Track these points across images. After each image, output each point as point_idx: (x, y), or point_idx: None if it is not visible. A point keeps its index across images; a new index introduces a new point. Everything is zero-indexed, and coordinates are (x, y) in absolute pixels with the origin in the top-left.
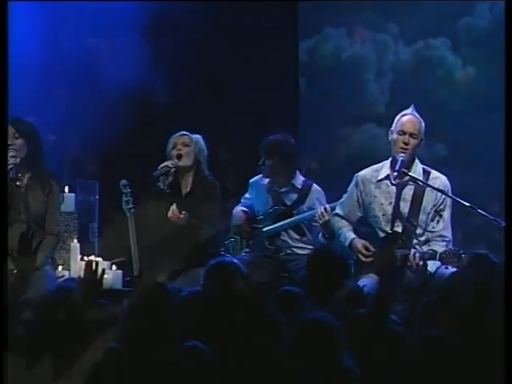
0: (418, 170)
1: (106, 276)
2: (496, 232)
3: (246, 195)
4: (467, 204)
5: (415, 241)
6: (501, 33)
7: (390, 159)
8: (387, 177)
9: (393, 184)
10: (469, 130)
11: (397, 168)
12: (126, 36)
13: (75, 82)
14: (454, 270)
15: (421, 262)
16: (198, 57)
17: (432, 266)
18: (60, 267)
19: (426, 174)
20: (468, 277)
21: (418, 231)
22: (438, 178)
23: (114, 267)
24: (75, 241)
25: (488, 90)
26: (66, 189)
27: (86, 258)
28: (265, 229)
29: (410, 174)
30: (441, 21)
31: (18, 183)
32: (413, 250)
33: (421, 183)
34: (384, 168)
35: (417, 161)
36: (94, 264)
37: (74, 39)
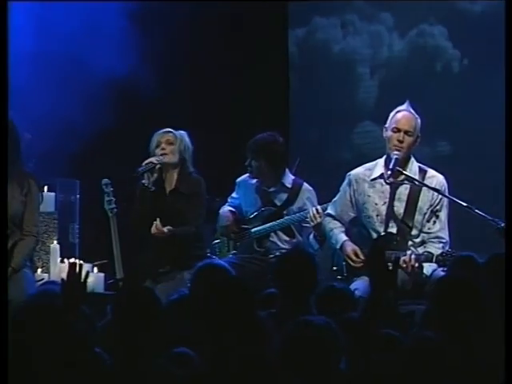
0: (413, 168)
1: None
2: (494, 233)
3: (233, 195)
4: (464, 204)
5: (410, 242)
6: (498, 18)
7: (384, 157)
8: (381, 176)
9: (387, 183)
10: (469, 125)
11: (391, 166)
12: (114, 28)
13: (56, 75)
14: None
15: (416, 265)
16: (186, 51)
17: (428, 268)
18: (39, 270)
19: (422, 172)
20: (458, 279)
21: (414, 232)
22: (435, 177)
23: (95, 270)
24: (55, 242)
25: (487, 80)
26: (46, 188)
27: (66, 260)
28: (253, 230)
29: (404, 172)
30: (435, 8)
31: None
32: (408, 252)
33: (416, 182)
34: (378, 166)
35: (412, 159)
36: (77, 266)
37: (60, 31)
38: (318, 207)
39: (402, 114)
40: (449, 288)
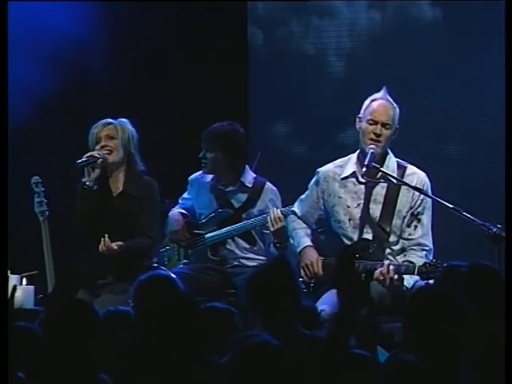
0: (391, 164)
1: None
2: (485, 239)
3: (185, 195)
4: (450, 206)
5: (388, 250)
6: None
7: (357, 152)
8: (353, 174)
9: (361, 182)
10: (464, 120)
11: (366, 162)
12: None
13: None
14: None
15: (395, 276)
16: (140, 26)
17: (409, 280)
18: None
19: (401, 169)
20: (435, 292)
21: (392, 239)
22: (415, 175)
23: (24, 282)
24: None
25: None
26: None
27: None
28: (207, 235)
29: (381, 169)
30: None
31: None
32: (386, 262)
33: (395, 181)
34: (350, 163)
35: (390, 154)
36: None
37: None
38: (278, 211)
39: (379, 103)
40: (424, 302)
